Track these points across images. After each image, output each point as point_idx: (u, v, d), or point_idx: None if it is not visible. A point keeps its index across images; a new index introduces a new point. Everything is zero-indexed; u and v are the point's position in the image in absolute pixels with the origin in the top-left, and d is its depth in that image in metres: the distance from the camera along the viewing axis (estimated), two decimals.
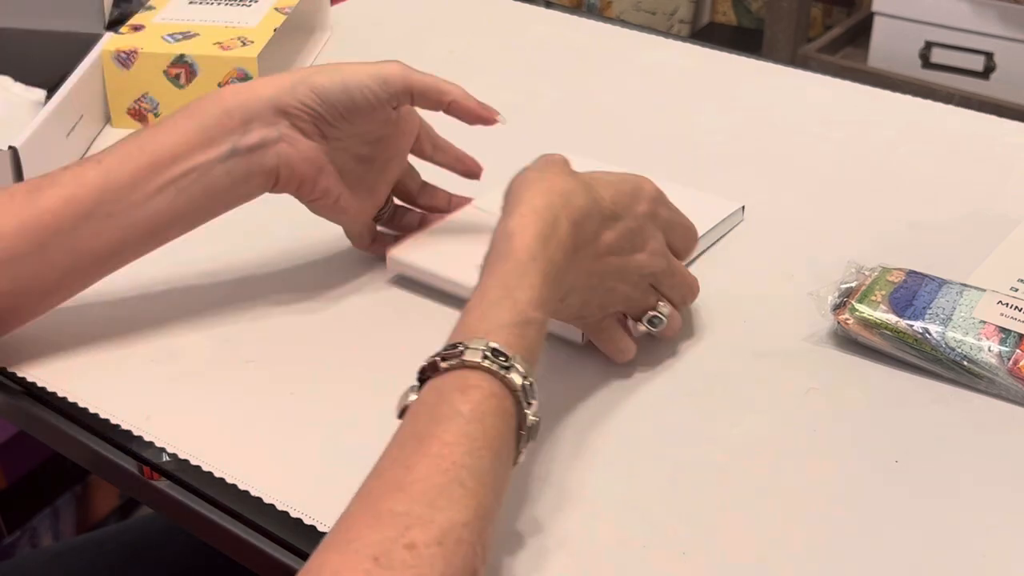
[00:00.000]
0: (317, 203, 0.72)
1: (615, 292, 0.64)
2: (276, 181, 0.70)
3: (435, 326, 0.58)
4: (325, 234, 0.78)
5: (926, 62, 2.20)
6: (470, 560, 0.48)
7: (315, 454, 0.63)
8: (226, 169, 0.68)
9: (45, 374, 0.68)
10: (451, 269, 0.73)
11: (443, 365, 0.54)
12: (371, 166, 0.73)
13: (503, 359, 0.53)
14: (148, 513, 1.08)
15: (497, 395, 0.53)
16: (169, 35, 0.97)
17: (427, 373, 0.54)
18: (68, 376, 0.68)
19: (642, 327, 0.67)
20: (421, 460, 0.50)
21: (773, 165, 0.91)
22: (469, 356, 0.53)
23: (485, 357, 0.53)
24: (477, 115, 0.73)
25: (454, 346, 0.54)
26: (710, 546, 0.57)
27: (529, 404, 0.54)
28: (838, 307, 0.70)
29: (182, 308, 0.74)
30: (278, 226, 0.81)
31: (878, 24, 2.22)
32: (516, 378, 0.53)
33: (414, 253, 0.75)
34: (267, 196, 0.72)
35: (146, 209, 0.67)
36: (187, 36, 0.97)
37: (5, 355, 0.70)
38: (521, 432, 0.54)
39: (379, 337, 0.72)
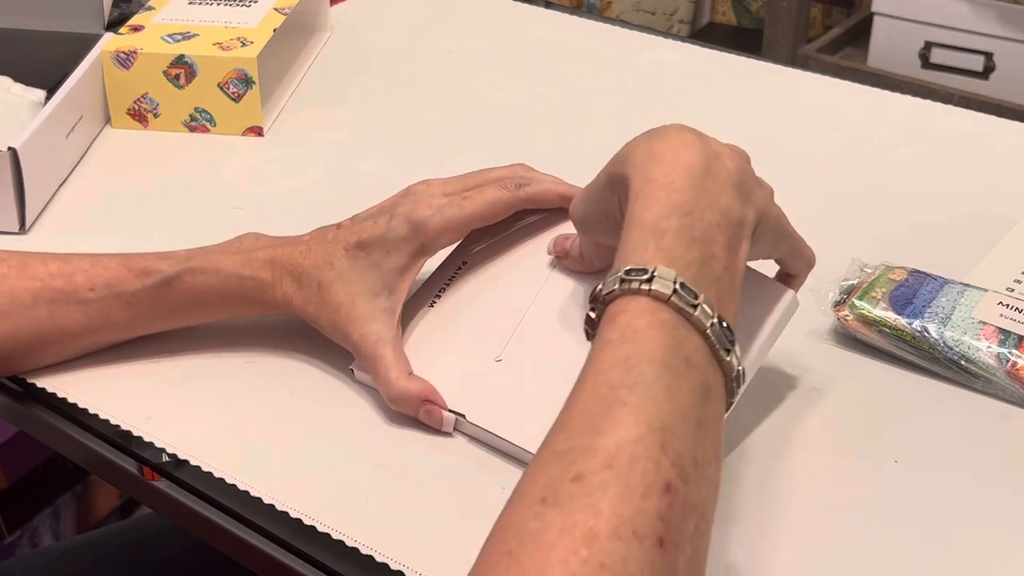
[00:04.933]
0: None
1: None
2: None
3: None
4: None
5: (926, 62, 2.20)
6: (652, 475, 0.44)
7: (315, 454, 0.63)
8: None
9: (45, 375, 0.68)
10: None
11: (592, 315, 0.52)
12: None
13: (641, 273, 0.50)
14: (148, 513, 1.08)
15: (648, 310, 0.49)
16: (169, 35, 0.97)
17: (587, 330, 0.52)
18: (68, 377, 0.68)
19: None
20: (579, 395, 0.48)
21: (773, 165, 0.91)
22: (607, 288, 0.51)
23: (622, 281, 0.50)
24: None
25: (595, 290, 0.52)
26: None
27: (694, 307, 0.49)
28: (839, 304, 0.70)
29: None
30: (278, 226, 0.81)
31: (878, 24, 2.22)
32: (663, 285, 0.49)
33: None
34: (268, 198, 0.72)
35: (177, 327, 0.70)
36: (187, 36, 0.97)
37: None
38: (707, 339, 0.50)
39: None
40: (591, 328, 0.52)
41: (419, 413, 0.63)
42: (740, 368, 0.51)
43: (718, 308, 0.50)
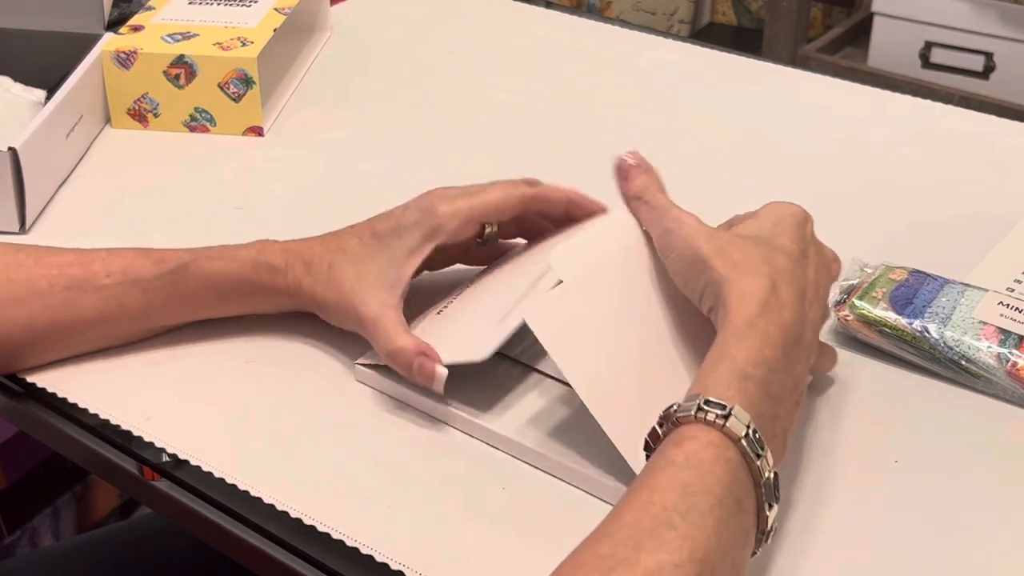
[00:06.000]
0: None
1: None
2: None
3: None
4: None
5: (926, 62, 2.20)
6: None
7: (315, 454, 0.63)
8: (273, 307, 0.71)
9: (45, 374, 0.68)
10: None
11: (660, 430, 0.53)
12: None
13: (719, 408, 0.51)
14: (148, 513, 1.08)
15: (716, 444, 0.51)
16: (169, 35, 0.97)
17: (649, 443, 0.54)
18: (68, 377, 0.68)
19: None
20: (630, 507, 0.49)
21: (773, 165, 0.91)
22: (682, 412, 0.52)
23: (699, 409, 0.51)
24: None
25: (669, 408, 0.53)
26: None
27: (759, 455, 0.51)
28: (839, 304, 0.70)
29: None
30: (278, 226, 0.81)
31: (878, 24, 2.22)
32: (737, 427, 0.51)
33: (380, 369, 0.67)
34: (267, 198, 0.72)
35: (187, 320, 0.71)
36: (187, 36, 0.97)
37: None
38: (759, 489, 0.51)
39: None
40: (653, 442, 0.53)
41: (413, 368, 0.63)
42: (774, 525, 0.52)
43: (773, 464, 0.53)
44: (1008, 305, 0.68)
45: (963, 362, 0.66)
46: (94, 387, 0.67)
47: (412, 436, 0.64)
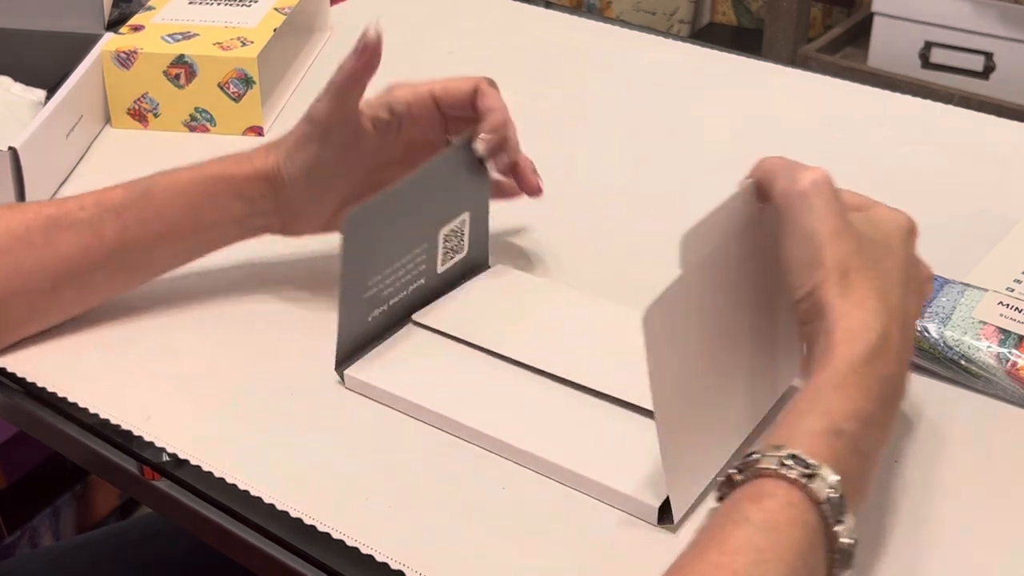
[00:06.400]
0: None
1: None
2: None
3: None
4: (327, 236, 0.78)
5: (926, 62, 2.19)
6: None
7: (315, 454, 0.63)
8: (241, 231, 0.73)
9: (45, 374, 0.68)
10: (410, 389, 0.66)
11: (737, 477, 0.49)
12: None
13: (804, 466, 0.48)
14: (148, 513, 1.08)
15: (796, 505, 0.47)
16: (169, 35, 0.97)
17: (723, 489, 0.50)
18: (68, 376, 0.68)
19: None
20: (695, 565, 0.46)
21: None
22: (764, 464, 0.48)
23: (782, 464, 0.48)
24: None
25: (751, 455, 0.49)
26: None
27: (840, 521, 0.47)
28: None
29: (182, 308, 0.74)
30: None
31: (878, 24, 2.22)
32: (821, 488, 0.47)
33: (371, 371, 0.67)
34: None
35: (160, 265, 0.72)
36: (187, 36, 0.97)
37: (4, 355, 0.70)
38: (833, 554, 0.48)
39: None
40: (727, 489, 0.50)
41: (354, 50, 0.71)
42: None
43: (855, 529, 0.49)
44: (1008, 305, 0.68)
45: (963, 362, 0.66)
46: (94, 387, 0.68)
47: (412, 436, 0.64)
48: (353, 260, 0.65)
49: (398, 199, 0.67)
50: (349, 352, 0.67)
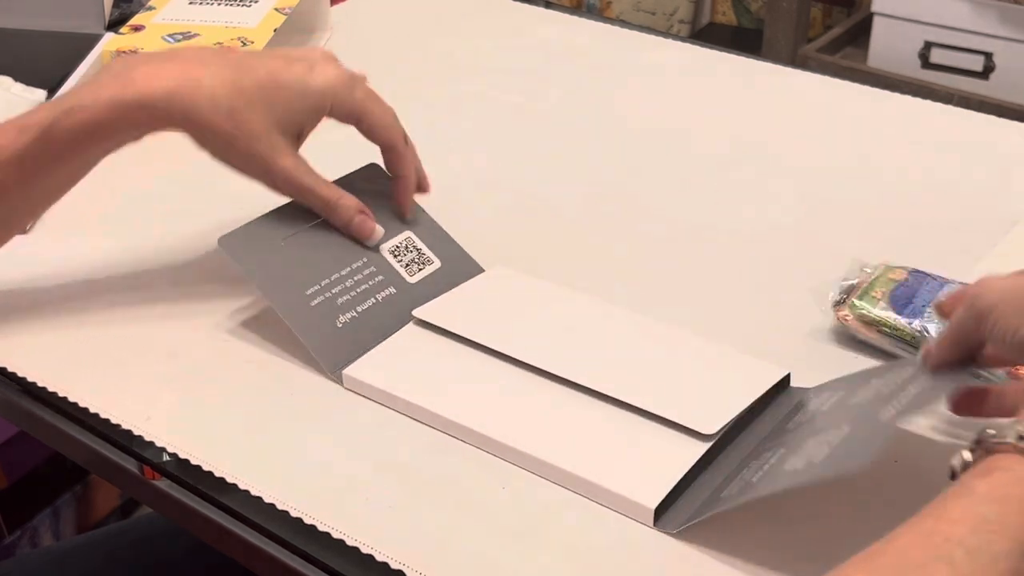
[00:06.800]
0: None
1: None
2: None
3: None
4: None
5: (925, 62, 2.19)
6: None
7: (315, 454, 0.63)
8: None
9: (45, 374, 0.68)
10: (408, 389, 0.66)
11: (968, 457, 0.47)
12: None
13: None
14: (148, 513, 1.08)
15: None
16: (169, 35, 0.97)
17: (954, 472, 0.47)
18: (68, 376, 0.68)
19: None
20: (907, 531, 0.43)
21: (773, 165, 0.91)
22: (1000, 437, 0.46)
23: (1021, 437, 0.45)
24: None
25: (982, 432, 0.47)
26: (709, 543, 0.57)
27: None
28: (839, 304, 0.70)
29: (183, 308, 0.74)
30: None
31: (878, 24, 2.22)
32: None
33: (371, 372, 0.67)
34: (268, 197, 0.72)
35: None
36: (187, 36, 0.97)
37: (4, 355, 0.70)
38: None
39: None
40: (960, 468, 0.47)
41: (352, 222, 0.70)
42: None
43: None
44: None
45: None
46: (95, 386, 0.68)
47: (412, 436, 0.64)
48: (256, 274, 0.69)
49: (277, 223, 0.71)
50: (336, 357, 0.67)
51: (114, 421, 0.65)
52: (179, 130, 0.69)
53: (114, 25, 1.02)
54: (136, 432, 0.64)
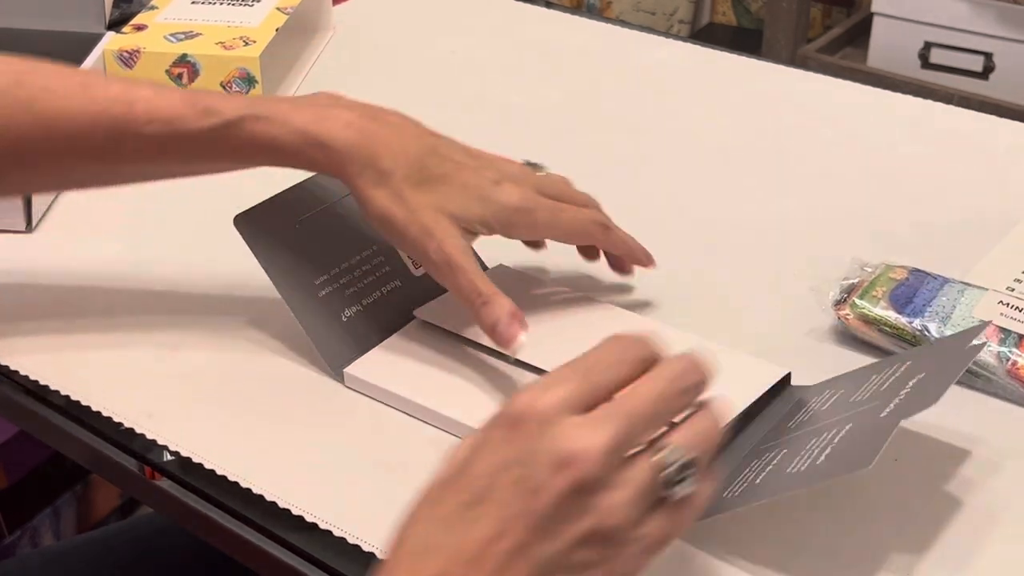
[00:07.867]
0: None
1: None
2: None
3: None
4: None
5: (925, 62, 2.20)
6: None
7: (316, 452, 0.63)
8: None
9: (45, 372, 0.68)
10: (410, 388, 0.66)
11: None
12: None
13: None
14: (148, 513, 1.08)
15: None
16: (171, 35, 0.97)
17: None
18: (69, 374, 0.68)
19: None
20: None
21: (773, 165, 0.91)
22: None
23: None
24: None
25: None
26: (708, 543, 0.57)
27: None
28: (839, 303, 0.70)
29: (184, 306, 0.74)
30: None
31: (877, 24, 2.23)
32: None
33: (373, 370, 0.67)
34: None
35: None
36: (189, 36, 0.97)
37: (5, 352, 0.70)
38: None
39: None
40: None
41: (498, 327, 0.62)
42: None
43: None
44: (1008, 304, 0.68)
45: None
46: (96, 384, 0.68)
47: (412, 435, 0.64)
48: (269, 258, 0.68)
49: (294, 202, 0.70)
50: (339, 353, 0.67)
51: (115, 420, 0.65)
52: (350, 185, 0.66)
53: (114, 25, 1.02)
54: (137, 431, 0.64)
